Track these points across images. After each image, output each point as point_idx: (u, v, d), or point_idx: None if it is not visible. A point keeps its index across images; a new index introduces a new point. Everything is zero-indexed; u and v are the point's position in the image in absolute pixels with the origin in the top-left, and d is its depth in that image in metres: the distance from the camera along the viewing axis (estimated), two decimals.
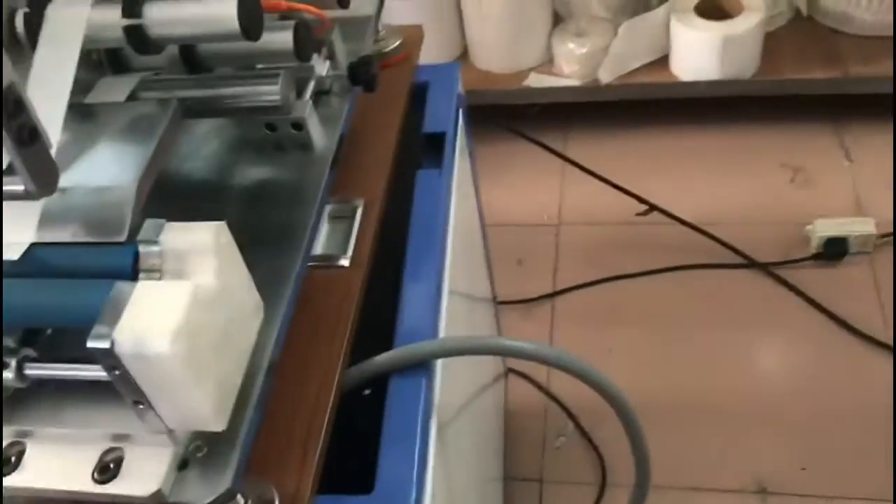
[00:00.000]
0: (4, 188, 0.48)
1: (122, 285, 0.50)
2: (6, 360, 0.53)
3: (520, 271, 1.81)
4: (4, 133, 0.44)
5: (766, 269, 1.71)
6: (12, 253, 0.55)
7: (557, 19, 2.01)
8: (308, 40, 0.71)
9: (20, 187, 0.47)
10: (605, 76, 1.93)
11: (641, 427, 0.86)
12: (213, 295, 0.51)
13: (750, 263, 1.73)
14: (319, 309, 0.72)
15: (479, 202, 1.34)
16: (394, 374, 0.72)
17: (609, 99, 1.96)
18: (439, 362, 0.79)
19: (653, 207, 1.73)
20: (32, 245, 0.55)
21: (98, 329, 0.47)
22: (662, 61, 1.95)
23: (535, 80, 2.00)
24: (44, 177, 0.47)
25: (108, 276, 0.53)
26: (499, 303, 1.67)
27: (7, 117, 0.44)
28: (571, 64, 1.96)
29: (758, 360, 1.60)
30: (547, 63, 2.03)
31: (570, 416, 1.54)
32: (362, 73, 0.81)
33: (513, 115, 2.01)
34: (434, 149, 0.97)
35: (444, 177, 0.92)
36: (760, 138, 1.99)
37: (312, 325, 0.70)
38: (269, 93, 0.67)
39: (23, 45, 0.62)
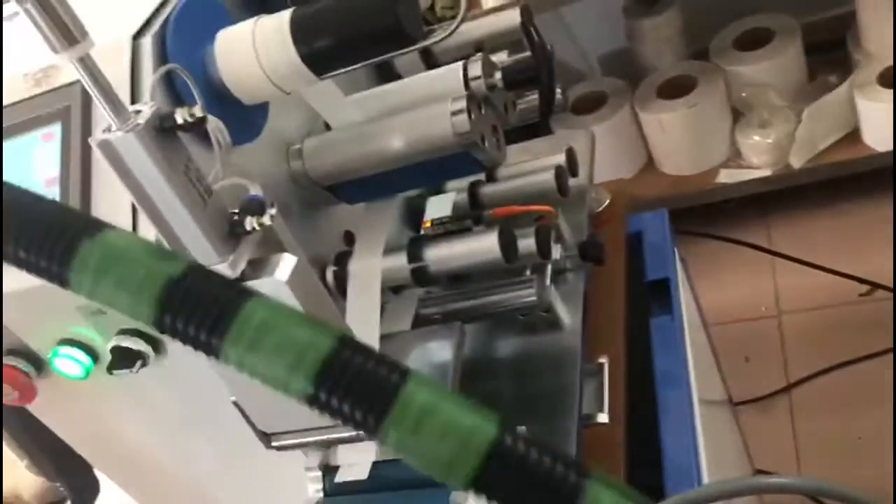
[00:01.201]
0: (360, 432, 0.62)
1: (456, 495, 0.62)
2: None
3: (748, 368, 1.82)
4: None
5: None
6: (361, 473, 0.68)
7: (736, 114, 2.06)
8: (548, 241, 0.83)
9: None
10: (797, 161, 1.95)
11: None
12: None
13: None
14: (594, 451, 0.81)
15: (700, 308, 1.39)
16: None
17: (805, 182, 1.97)
18: None
19: (875, 286, 1.70)
20: (374, 463, 0.69)
21: None
22: (853, 135, 1.94)
23: (727, 176, 2.05)
24: None
25: (439, 484, 0.65)
26: (734, 404, 1.69)
27: None
28: (760, 154, 1.99)
29: None
30: (734, 157, 2.07)
31: None
32: (591, 251, 0.92)
33: (709, 214, 2.06)
34: (659, 293, 1.06)
35: (675, 321, 1.00)
36: None
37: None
38: (528, 296, 0.79)
39: (334, 295, 0.78)
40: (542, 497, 0.25)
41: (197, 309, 0.26)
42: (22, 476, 1.40)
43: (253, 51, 0.63)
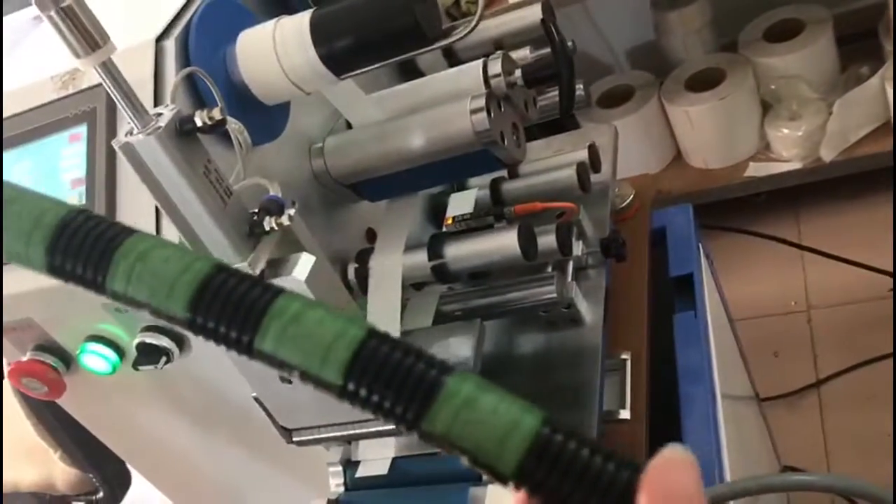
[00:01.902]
0: (381, 428, 0.63)
1: (475, 490, 0.63)
2: None
3: (777, 363, 1.81)
4: None
5: None
6: (381, 468, 0.69)
7: (766, 107, 2.04)
8: (569, 238, 0.83)
9: (392, 426, 0.62)
10: (828, 154, 1.93)
11: None
12: None
13: None
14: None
15: (726, 303, 1.38)
16: None
17: (836, 175, 1.95)
18: None
19: None
20: (394, 459, 0.70)
21: None
22: (885, 127, 1.91)
23: (756, 170, 2.03)
24: None
25: (456, 479, 0.66)
26: (762, 399, 1.68)
27: None
28: (790, 148, 1.97)
29: None
30: (763, 150, 2.05)
31: None
32: (613, 247, 0.92)
33: (738, 207, 2.04)
34: (683, 288, 1.06)
35: (699, 317, 0.99)
36: None
37: None
38: (548, 293, 0.79)
39: (356, 292, 0.79)
40: (586, 490, 0.25)
41: (228, 307, 0.26)
42: (56, 466, 1.43)
43: (273, 52, 0.64)
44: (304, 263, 0.56)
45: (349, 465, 0.72)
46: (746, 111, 2.00)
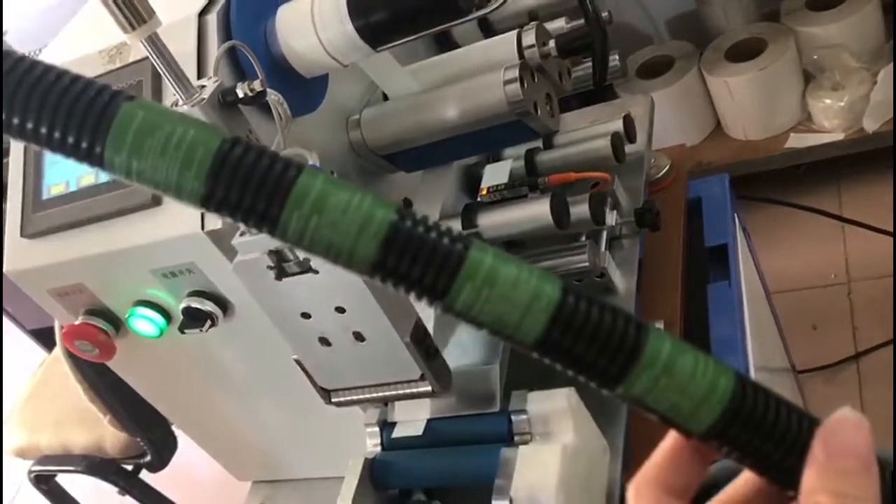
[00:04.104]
0: (417, 389, 0.65)
1: (507, 451, 0.65)
2: None
3: (816, 336, 1.80)
4: (417, 350, 0.61)
5: None
6: (416, 429, 0.72)
7: (808, 77, 2.01)
8: (601, 208, 0.84)
9: (428, 388, 0.64)
10: (871, 124, 1.90)
11: None
12: (574, 450, 0.64)
13: None
14: (646, 436, 0.83)
15: (762, 275, 1.38)
16: None
17: (878, 146, 1.92)
18: None
19: None
20: (428, 420, 0.72)
21: (498, 488, 0.62)
22: None
23: (797, 141, 2.00)
24: (443, 380, 0.64)
25: (489, 440, 0.68)
26: (799, 372, 1.67)
27: (417, 342, 0.61)
28: (831, 118, 1.94)
29: None
30: (805, 121, 2.03)
31: None
32: (647, 217, 0.92)
33: (778, 179, 2.02)
34: (718, 259, 1.06)
35: (733, 288, 1.00)
36: None
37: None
38: (580, 261, 0.81)
39: None
40: (605, 351, 0.26)
41: (252, 178, 0.25)
42: (106, 430, 1.49)
43: (311, 25, 0.66)
44: None
45: (385, 426, 0.74)
46: (787, 82, 1.97)
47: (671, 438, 0.31)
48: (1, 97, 0.26)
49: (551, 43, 0.79)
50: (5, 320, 2.15)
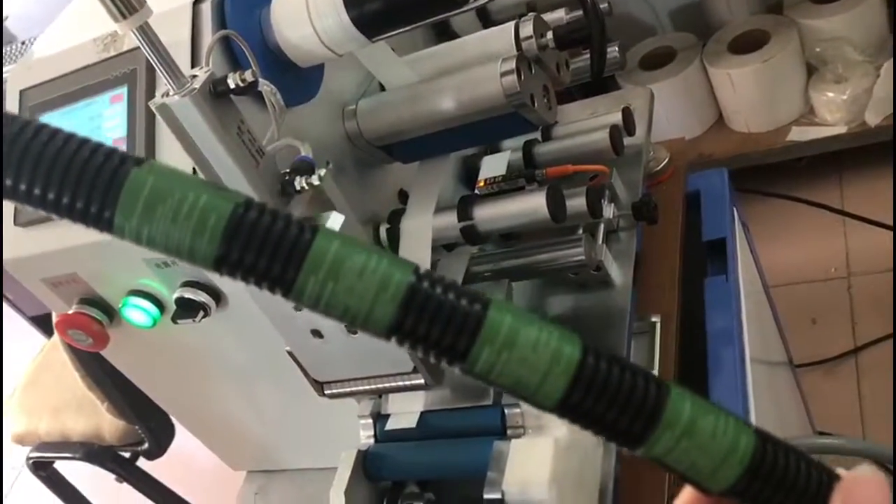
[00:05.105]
0: (410, 382, 0.65)
1: (500, 444, 0.65)
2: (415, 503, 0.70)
3: (815, 330, 1.79)
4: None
5: None
6: (410, 421, 0.72)
7: (810, 70, 2.00)
8: (598, 201, 0.84)
9: (421, 381, 0.64)
10: (873, 118, 1.89)
11: None
12: (567, 444, 0.64)
13: None
14: None
15: (761, 269, 1.38)
16: None
17: (881, 140, 1.91)
18: None
19: None
20: (422, 413, 0.72)
21: (490, 481, 0.62)
22: None
23: (799, 134, 2.00)
24: (436, 373, 0.64)
25: (482, 433, 0.68)
26: (797, 366, 1.67)
27: None
28: (834, 112, 1.94)
29: None
30: (807, 114, 2.02)
31: None
32: (644, 210, 0.92)
33: (780, 172, 2.01)
34: (716, 253, 1.06)
35: (731, 282, 1.00)
36: None
37: None
38: (576, 255, 0.80)
39: None
40: (626, 413, 0.26)
41: (267, 243, 0.25)
42: (104, 418, 1.49)
43: (307, 15, 0.66)
44: (334, 222, 0.57)
45: (379, 418, 0.74)
46: (790, 74, 1.96)
47: (687, 493, 0.31)
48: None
49: (549, 34, 0.78)
50: (5, 306, 2.15)
